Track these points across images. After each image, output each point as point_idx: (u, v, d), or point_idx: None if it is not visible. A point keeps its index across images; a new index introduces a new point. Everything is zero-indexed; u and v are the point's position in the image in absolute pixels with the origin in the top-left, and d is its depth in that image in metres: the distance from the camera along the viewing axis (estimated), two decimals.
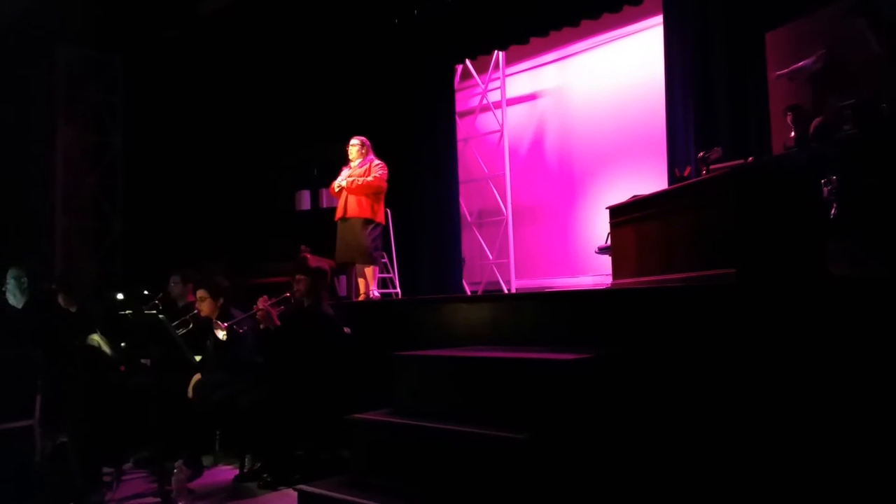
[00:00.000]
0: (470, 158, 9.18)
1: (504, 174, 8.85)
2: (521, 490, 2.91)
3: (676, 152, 6.49)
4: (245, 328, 5.15)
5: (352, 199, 6.32)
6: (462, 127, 9.20)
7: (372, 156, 6.50)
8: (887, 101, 4.32)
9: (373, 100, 8.84)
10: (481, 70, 9.06)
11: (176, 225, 9.24)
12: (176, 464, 4.46)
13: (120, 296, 7.58)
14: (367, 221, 6.32)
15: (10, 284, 4.64)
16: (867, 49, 4.72)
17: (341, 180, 6.42)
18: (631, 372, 3.42)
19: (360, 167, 6.40)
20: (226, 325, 5.07)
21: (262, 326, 5.00)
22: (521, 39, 8.06)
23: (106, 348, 5.28)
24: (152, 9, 8.65)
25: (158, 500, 4.46)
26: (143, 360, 5.72)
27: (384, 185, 6.40)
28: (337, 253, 6.46)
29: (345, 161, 6.58)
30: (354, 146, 6.51)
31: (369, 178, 6.29)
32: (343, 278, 7.73)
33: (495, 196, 8.86)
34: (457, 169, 8.88)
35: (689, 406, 3.26)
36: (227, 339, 5.08)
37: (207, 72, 9.34)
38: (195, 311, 5.48)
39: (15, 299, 4.64)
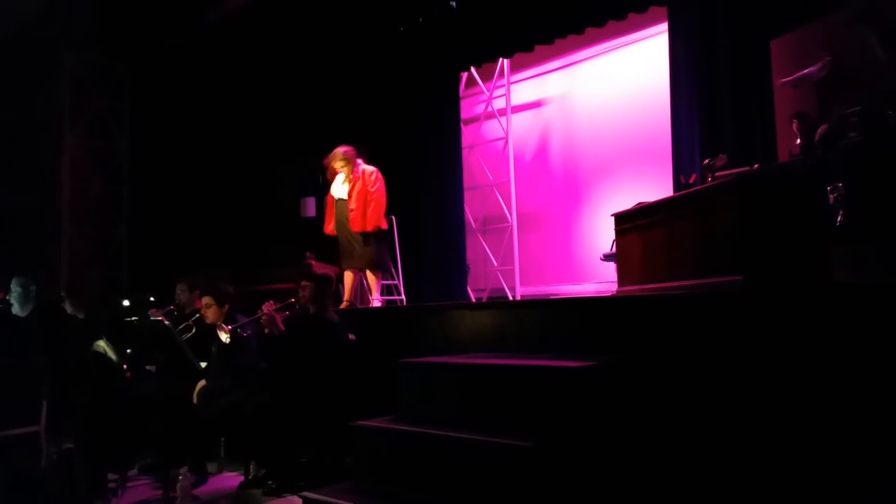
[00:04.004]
0: (475, 165, 9.18)
1: (509, 181, 8.85)
2: (527, 498, 2.90)
3: (681, 159, 6.48)
4: (249, 332, 5.16)
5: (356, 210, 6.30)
6: (467, 134, 9.20)
7: (360, 162, 6.45)
8: (893, 108, 4.31)
9: (377, 107, 8.86)
10: (486, 77, 9.07)
11: (181, 231, 9.26)
12: (181, 470, 4.46)
13: (126, 302, 7.60)
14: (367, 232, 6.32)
15: (17, 293, 4.64)
16: (872, 56, 4.71)
17: (341, 194, 6.41)
18: (636, 379, 3.42)
19: (352, 177, 6.37)
20: (229, 327, 5.08)
21: (266, 331, 5.01)
22: (526, 47, 8.07)
23: (112, 354, 5.30)
24: (157, 16, 8.69)
25: None
26: (148, 367, 5.74)
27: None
28: (343, 261, 6.45)
29: None
30: (339, 157, 6.45)
31: (371, 191, 6.26)
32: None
33: (500, 203, 8.86)
34: (461, 176, 8.88)
35: (695, 413, 3.25)
36: (231, 342, 5.09)
37: (212, 78, 9.38)
38: (199, 317, 5.49)
39: (21, 307, 4.64)
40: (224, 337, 5.09)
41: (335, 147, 6.57)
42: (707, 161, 4.87)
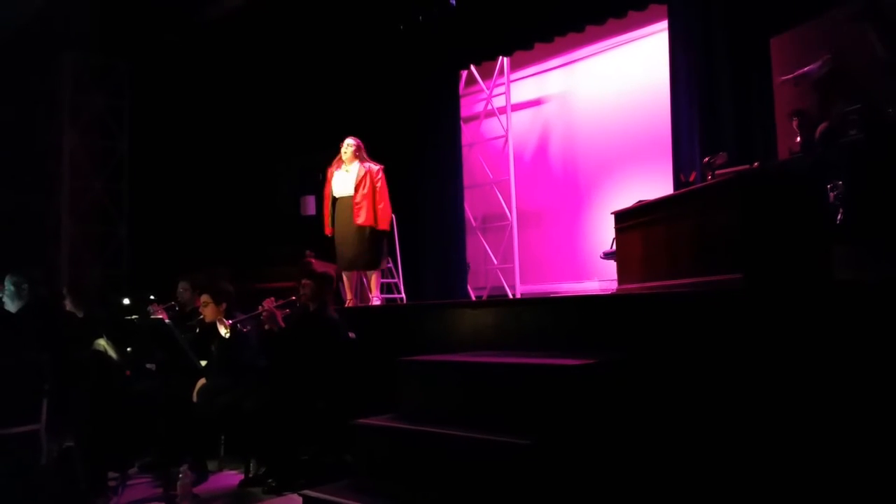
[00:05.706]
0: (475, 163, 9.18)
1: (509, 179, 8.86)
2: (527, 496, 2.90)
3: (681, 157, 6.48)
4: (249, 328, 5.16)
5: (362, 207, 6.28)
6: (467, 132, 9.21)
7: (368, 161, 6.45)
8: (893, 105, 4.31)
9: (377, 105, 8.87)
10: (486, 76, 9.07)
11: (181, 229, 9.26)
12: (181, 468, 4.45)
13: (126, 300, 7.60)
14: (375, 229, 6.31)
15: (10, 290, 4.65)
16: (873, 54, 4.70)
17: (343, 191, 6.40)
18: (636, 377, 3.42)
19: (358, 173, 6.34)
20: (230, 321, 5.09)
21: (266, 327, 5.01)
22: (526, 45, 8.07)
23: (112, 353, 5.30)
24: (157, 15, 8.68)
25: None
26: (148, 365, 5.75)
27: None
28: (342, 261, 6.43)
29: None
30: (350, 147, 6.43)
31: (378, 186, 6.28)
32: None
33: (500, 201, 8.87)
34: (461, 174, 8.89)
35: (695, 411, 3.25)
36: (231, 338, 5.09)
37: (213, 77, 9.37)
38: (200, 317, 5.50)
39: (12, 304, 4.65)
40: (224, 331, 5.10)
41: (334, 145, 6.57)
42: (707, 159, 4.87)
